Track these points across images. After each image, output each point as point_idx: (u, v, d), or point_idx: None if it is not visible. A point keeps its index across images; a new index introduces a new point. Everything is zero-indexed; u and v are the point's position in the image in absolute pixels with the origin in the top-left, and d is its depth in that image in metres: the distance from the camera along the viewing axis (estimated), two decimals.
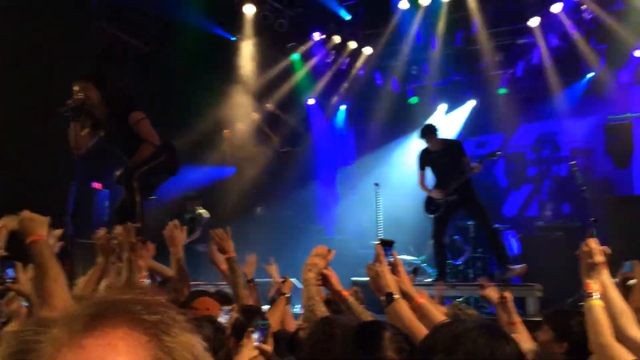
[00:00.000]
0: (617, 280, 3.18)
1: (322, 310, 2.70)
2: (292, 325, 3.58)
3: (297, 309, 5.80)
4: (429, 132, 7.32)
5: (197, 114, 9.31)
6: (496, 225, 8.56)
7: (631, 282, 3.42)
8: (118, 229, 3.57)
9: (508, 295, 3.33)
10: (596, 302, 2.30)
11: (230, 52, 10.25)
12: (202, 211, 9.07)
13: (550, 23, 9.10)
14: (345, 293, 2.76)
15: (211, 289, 4.59)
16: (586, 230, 7.86)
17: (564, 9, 9.01)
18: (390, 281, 2.39)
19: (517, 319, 3.27)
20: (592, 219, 7.85)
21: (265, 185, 10.34)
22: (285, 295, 3.62)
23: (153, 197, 7.72)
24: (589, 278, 2.39)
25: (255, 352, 2.55)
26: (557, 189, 9.47)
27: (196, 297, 3.42)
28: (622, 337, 2.22)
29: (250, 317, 2.81)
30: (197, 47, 9.24)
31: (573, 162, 8.81)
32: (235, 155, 10.86)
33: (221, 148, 10.80)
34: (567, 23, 9.05)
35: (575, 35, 9.08)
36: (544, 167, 10.05)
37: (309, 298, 2.74)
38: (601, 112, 9.17)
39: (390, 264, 2.52)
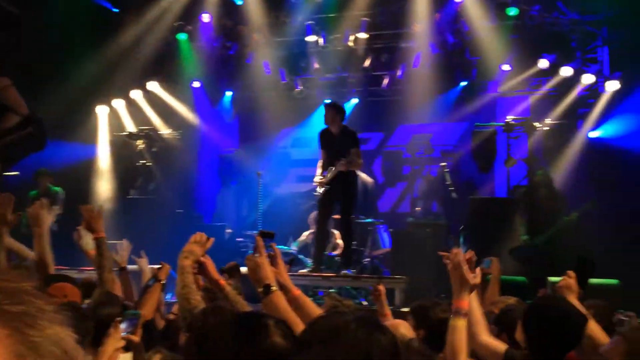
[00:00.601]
0: None
1: (197, 299, 2.64)
2: (164, 314, 3.46)
3: (168, 297, 5.63)
4: (335, 109, 7.31)
5: (69, 86, 8.67)
6: (369, 220, 8.95)
7: (489, 276, 3.75)
8: None
9: (381, 288, 3.49)
10: (462, 322, 2.32)
11: (111, 24, 9.65)
12: (57, 189, 8.49)
13: (432, 31, 9.62)
14: (222, 282, 2.73)
15: (73, 274, 4.30)
16: (451, 229, 8.44)
17: (445, 20, 9.57)
18: (269, 273, 2.40)
19: (388, 310, 3.44)
20: (461, 227, 8.29)
21: (141, 167, 9.88)
22: (161, 282, 3.49)
23: (14, 172, 7.08)
24: (461, 294, 2.36)
25: (122, 343, 2.44)
26: (428, 188, 10.05)
27: (52, 282, 3.16)
28: (474, 341, 2.51)
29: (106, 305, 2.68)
30: (74, 15, 8.58)
31: (443, 164, 9.41)
32: (110, 133, 10.28)
33: (94, 124, 10.16)
34: (447, 33, 9.63)
35: (453, 45, 9.69)
36: (417, 167, 10.63)
37: (184, 286, 2.67)
38: (470, 119, 9.86)
39: (269, 255, 2.53)
